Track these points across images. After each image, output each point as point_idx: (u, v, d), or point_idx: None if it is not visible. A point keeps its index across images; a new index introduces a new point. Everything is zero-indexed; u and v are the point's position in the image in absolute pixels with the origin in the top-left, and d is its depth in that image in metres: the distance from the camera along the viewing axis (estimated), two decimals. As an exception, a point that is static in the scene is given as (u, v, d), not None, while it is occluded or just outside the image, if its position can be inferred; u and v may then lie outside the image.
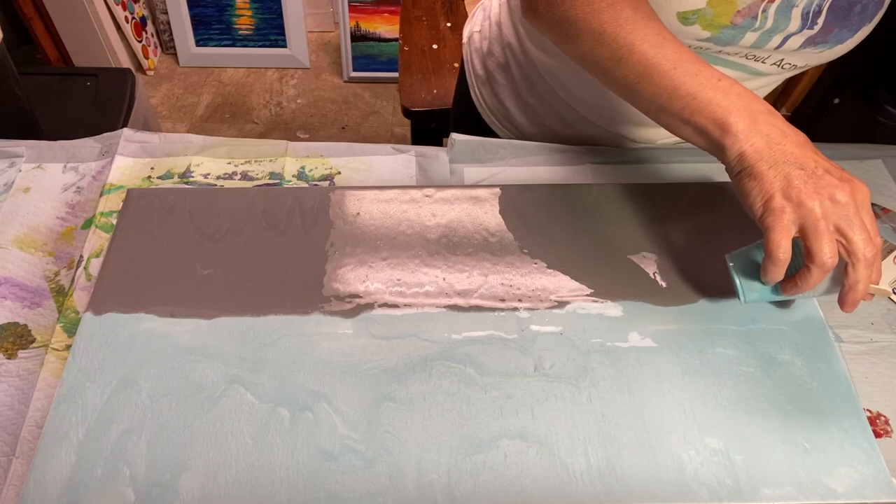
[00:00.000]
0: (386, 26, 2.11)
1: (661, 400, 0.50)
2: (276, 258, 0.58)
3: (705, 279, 0.57)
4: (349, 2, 2.06)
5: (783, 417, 0.50)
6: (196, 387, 0.50)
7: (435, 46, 1.34)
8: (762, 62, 0.61)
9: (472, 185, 0.68)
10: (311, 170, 0.71)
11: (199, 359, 0.52)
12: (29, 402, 0.53)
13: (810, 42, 0.57)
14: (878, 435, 0.52)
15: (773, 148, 0.45)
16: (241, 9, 2.16)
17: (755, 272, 0.51)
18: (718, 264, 0.58)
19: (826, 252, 0.44)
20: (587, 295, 0.56)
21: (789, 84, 1.38)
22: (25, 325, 0.58)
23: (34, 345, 0.56)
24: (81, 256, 0.62)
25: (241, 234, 0.60)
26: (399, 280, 0.57)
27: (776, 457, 0.48)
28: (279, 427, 0.49)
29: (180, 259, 0.58)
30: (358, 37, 2.13)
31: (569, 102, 0.72)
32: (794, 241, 0.47)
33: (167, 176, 0.70)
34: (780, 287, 0.50)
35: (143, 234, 0.60)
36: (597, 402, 0.50)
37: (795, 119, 1.42)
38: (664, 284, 0.57)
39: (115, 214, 0.64)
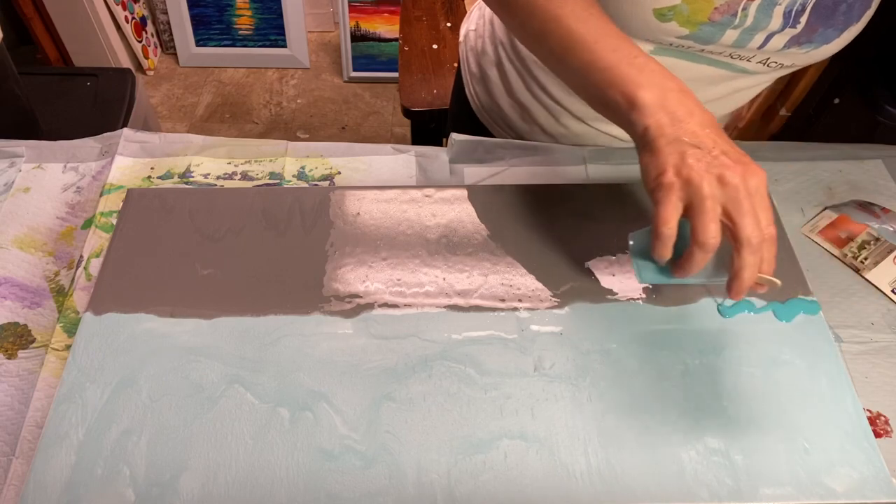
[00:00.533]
0: (386, 26, 2.11)
1: (661, 400, 0.50)
2: (276, 258, 0.58)
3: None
4: (349, 2, 2.06)
5: (783, 417, 0.50)
6: (196, 387, 0.50)
7: (435, 46, 1.34)
8: (747, 61, 0.61)
9: (472, 185, 0.68)
10: (311, 170, 0.71)
11: (199, 359, 0.52)
12: (29, 402, 0.53)
13: (794, 42, 0.57)
14: (878, 435, 0.52)
15: (676, 125, 0.45)
16: (241, 9, 2.16)
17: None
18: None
19: (707, 232, 0.43)
20: (587, 295, 0.56)
21: (789, 84, 1.38)
22: (25, 325, 0.58)
23: (34, 345, 0.56)
24: (81, 256, 0.62)
25: (241, 234, 0.60)
26: (399, 280, 0.57)
27: (776, 457, 0.48)
28: (279, 427, 0.49)
29: (180, 259, 0.58)
30: (358, 37, 2.13)
31: (558, 100, 0.72)
32: (685, 223, 0.46)
33: (167, 176, 0.70)
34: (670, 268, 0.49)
35: (143, 234, 0.60)
36: (597, 402, 0.50)
37: (795, 119, 1.42)
38: (664, 284, 0.57)
39: (115, 214, 0.64)
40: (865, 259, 0.63)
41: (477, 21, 0.80)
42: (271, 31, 2.19)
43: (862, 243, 0.64)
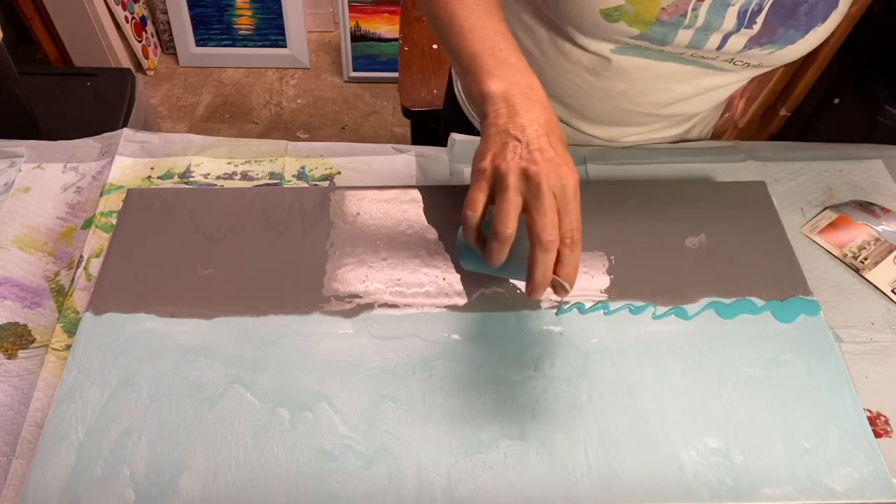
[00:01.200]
0: (386, 26, 2.11)
1: (661, 400, 0.50)
2: (276, 258, 0.58)
3: (705, 279, 0.57)
4: (349, 2, 2.06)
5: (783, 417, 0.50)
6: (196, 387, 0.50)
7: (435, 46, 1.34)
8: (712, 60, 0.61)
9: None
10: (311, 170, 0.71)
11: (199, 359, 0.52)
12: (29, 402, 0.53)
13: (754, 42, 0.57)
14: (878, 435, 0.52)
15: (511, 118, 0.45)
16: (241, 9, 2.15)
17: None
18: (718, 264, 0.58)
19: (500, 221, 0.43)
20: (587, 295, 0.56)
21: (789, 84, 1.38)
22: (25, 325, 0.58)
23: (34, 345, 0.56)
24: (81, 256, 0.62)
25: (241, 234, 0.60)
26: (399, 280, 0.57)
27: (776, 457, 0.48)
28: (279, 427, 0.49)
29: (180, 259, 0.58)
30: (358, 37, 2.13)
31: None
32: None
33: (167, 176, 0.69)
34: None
35: (143, 234, 0.60)
36: (597, 402, 0.50)
37: (795, 119, 1.42)
38: (663, 284, 0.57)
39: (115, 214, 0.64)
40: (865, 259, 0.63)
41: None
42: (271, 31, 2.19)
43: (862, 243, 0.64)
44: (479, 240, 0.46)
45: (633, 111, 0.69)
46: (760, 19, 0.56)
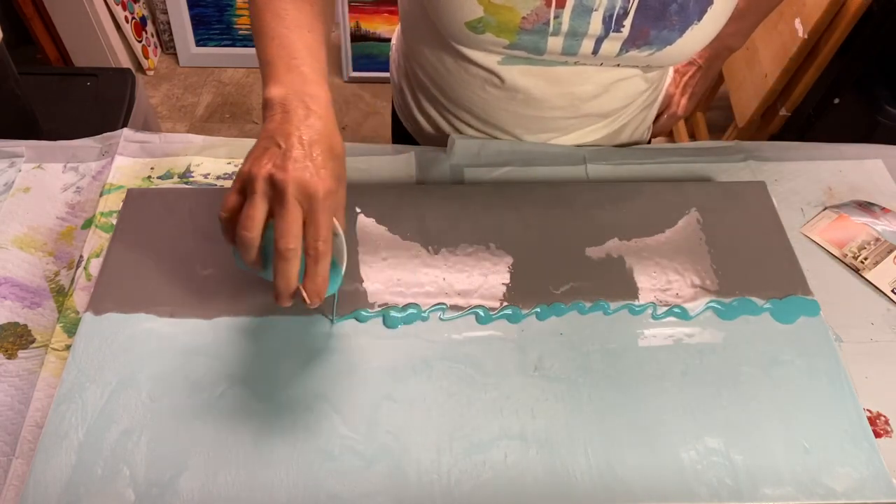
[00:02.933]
0: (386, 26, 2.11)
1: (661, 400, 0.50)
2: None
3: (705, 279, 0.57)
4: (349, 2, 2.05)
5: (783, 417, 0.50)
6: (196, 387, 0.50)
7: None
8: (598, 64, 0.61)
9: (472, 184, 0.68)
10: (311, 170, 0.70)
11: (199, 359, 0.52)
12: (29, 402, 0.53)
13: (630, 45, 0.57)
14: (878, 435, 0.52)
15: (281, 124, 0.45)
16: (241, 9, 2.15)
17: None
18: (718, 264, 0.58)
19: (242, 223, 0.43)
20: (587, 295, 0.56)
21: (789, 84, 1.38)
22: (25, 325, 0.58)
23: (34, 345, 0.56)
24: (81, 256, 0.62)
25: (241, 234, 0.60)
26: (399, 280, 0.57)
27: (776, 457, 0.48)
28: (279, 427, 0.49)
29: (180, 259, 0.58)
30: (358, 37, 2.13)
31: (448, 107, 0.73)
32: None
33: (167, 176, 0.69)
34: None
35: (143, 234, 0.60)
36: (597, 402, 0.50)
37: (795, 119, 1.42)
38: (664, 284, 0.57)
39: (115, 214, 0.64)
40: (865, 259, 0.63)
41: (397, 34, 0.81)
42: (271, 31, 2.19)
43: (862, 243, 0.64)
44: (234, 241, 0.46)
45: (543, 118, 0.69)
46: (628, 22, 0.56)
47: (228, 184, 0.69)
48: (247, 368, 0.51)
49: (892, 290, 0.61)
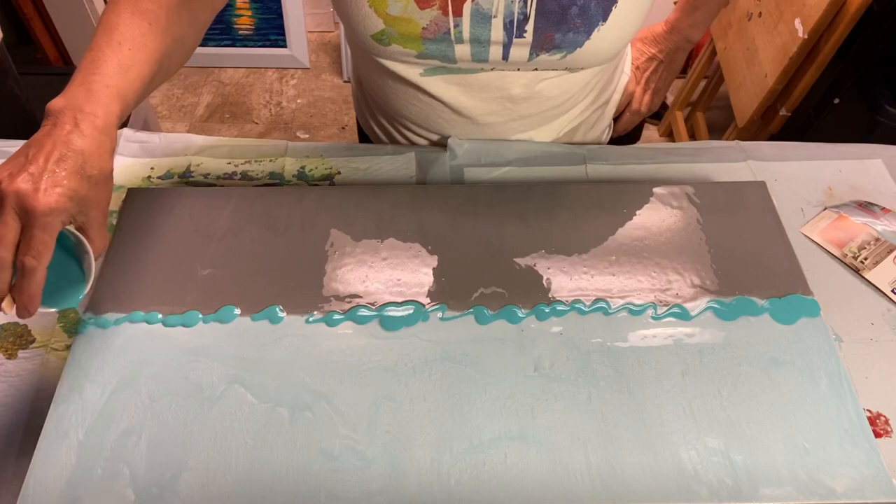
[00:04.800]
0: (386, 26, 2.11)
1: (661, 400, 0.50)
2: (275, 258, 0.58)
3: (705, 279, 0.57)
4: (349, 2, 2.05)
5: (783, 417, 0.50)
6: (196, 387, 0.50)
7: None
8: (516, 70, 0.61)
9: (471, 184, 0.68)
10: (311, 170, 0.71)
11: (199, 359, 0.52)
12: (29, 402, 0.53)
13: (539, 49, 0.57)
14: (878, 435, 0.52)
15: (43, 136, 0.44)
16: (241, 9, 2.15)
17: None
18: (718, 264, 0.58)
19: None
20: (587, 295, 0.56)
21: (789, 84, 1.38)
22: (25, 325, 0.58)
23: (34, 345, 0.56)
24: (81, 256, 0.62)
25: (241, 234, 0.60)
26: (399, 280, 0.57)
27: (776, 457, 0.48)
28: (279, 427, 0.49)
29: (180, 259, 0.58)
30: (358, 37, 2.13)
31: (394, 117, 0.74)
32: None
33: (167, 176, 0.69)
34: None
35: (143, 234, 0.60)
36: (597, 402, 0.50)
37: (795, 119, 1.42)
38: (664, 284, 0.57)
39: (115, 214, 0.64)
40: (865, 259, 0.63)
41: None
42: (271, 31, 2.19)
43: (862, 243, 0.64)
44: None
45: (479, 124, 0.69)
46: (530, 27, 0.56)
47: (228, 184, 0.69)
48: (247, 368, 0.51)
49: (892, 290, 0.61)
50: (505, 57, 0.58)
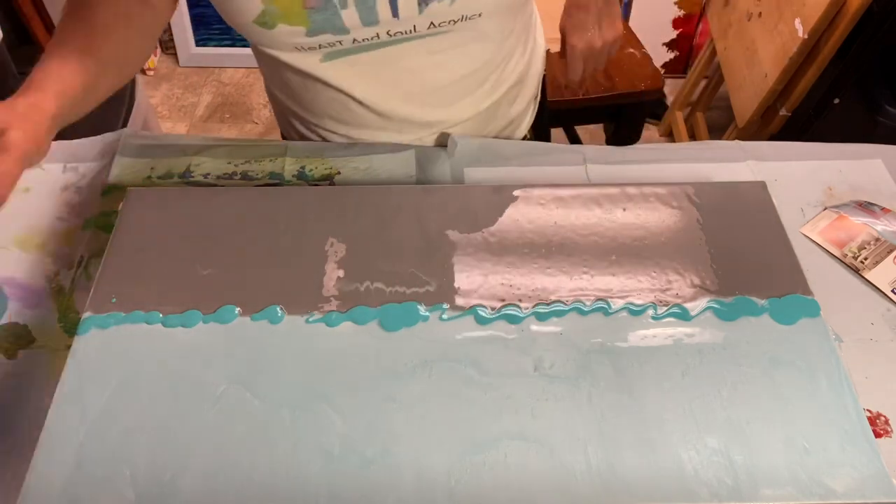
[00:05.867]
0: (386, 26, 2.11)
1: (661, 400, 0.50)
2: (275, 258, 0.58)
3: (705, 279, 0.57)
4: (349, 2, 2.05)
5: (783, 417, 0.50)
6: (196, 387, 0.50)
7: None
8: (413, 30, 0.60)
9: (471, 184, 0.68)
10: (311, 170, 0.71)
11: (199, 359, 0.52)
12: (29, 402, 0.53)
13: None
14: (878, 435, 0.52)
15: None
16: (241, 9, 2.16)
17: None
18: (718, 264, 0.58)
19: None
20: (587, 295, 0.56)
21: (789, 84, 1.38)
22: (25, 325, 0.58)
23: (34, 345, 0.56)
24: (81, 256, 0.62)
25: (241, 234, 0.60)
26: (399, 280, 0.57)
27: (776, 457, 0.48)
28: (279, 427, 0.49)
29: (180, 259, 0.58)
30: (358, 37, 2.13)
31: (306, 116, 0.73)
32: None
33: (167, 176, 0.70)
34: None
35: (143, 234, 0.60)
36: (597, 402, 0.50)
37: (795, 119, 1.42)
38: (664, 284, 0.57)
39: (115, 214, 0.64)
40: (865, 259, 0.63)
41: None
42: (271, 31, 2.19)
43: (862, 243, 0.64)
44: None
45: (394, 115, 0.69)
46: None
47: (228, 184, 0.69)
48: (247, 368, 0.51)
49: (892, 290, 0.61)
50: (395, 13, 0.56)
